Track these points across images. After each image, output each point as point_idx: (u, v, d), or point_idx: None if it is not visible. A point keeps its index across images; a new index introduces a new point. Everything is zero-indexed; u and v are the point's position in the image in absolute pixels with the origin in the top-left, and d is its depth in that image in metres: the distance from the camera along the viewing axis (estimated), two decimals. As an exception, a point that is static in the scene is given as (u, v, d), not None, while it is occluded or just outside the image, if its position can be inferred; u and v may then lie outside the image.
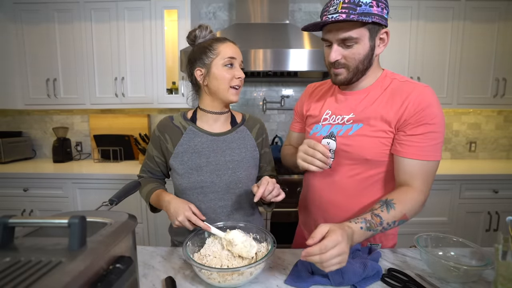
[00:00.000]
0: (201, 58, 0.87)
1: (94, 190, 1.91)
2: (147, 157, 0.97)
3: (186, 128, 0.91)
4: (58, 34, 2.08)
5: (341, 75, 0.76)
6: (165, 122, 0.93)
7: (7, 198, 1.93)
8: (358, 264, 0.66)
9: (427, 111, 0.69)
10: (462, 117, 2.40)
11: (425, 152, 0.70)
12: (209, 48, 0.86)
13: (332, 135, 0.82)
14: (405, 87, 0.74)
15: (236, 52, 0.87)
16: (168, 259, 0.79)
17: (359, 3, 0.66)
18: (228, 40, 0.89)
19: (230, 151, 0.91)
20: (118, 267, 0.38)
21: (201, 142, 0.90)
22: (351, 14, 0.66)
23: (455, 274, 0.65)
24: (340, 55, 0.73)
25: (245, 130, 0.96)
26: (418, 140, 0.71)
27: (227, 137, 0.92)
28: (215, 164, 0.89)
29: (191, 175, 0.88)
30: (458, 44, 2.02)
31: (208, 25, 0.90)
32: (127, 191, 0.85)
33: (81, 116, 2.47)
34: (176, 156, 0.89)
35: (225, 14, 2.35)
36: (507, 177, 1.85)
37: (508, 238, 0.55)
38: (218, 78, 0.85)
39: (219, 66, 0.85)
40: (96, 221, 0.44)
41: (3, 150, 2.16)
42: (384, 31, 0.73)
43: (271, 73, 1.99)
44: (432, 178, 0.73)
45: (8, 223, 0.36)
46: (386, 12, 0.71)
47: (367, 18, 0.67)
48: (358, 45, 0.71)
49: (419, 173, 0.71)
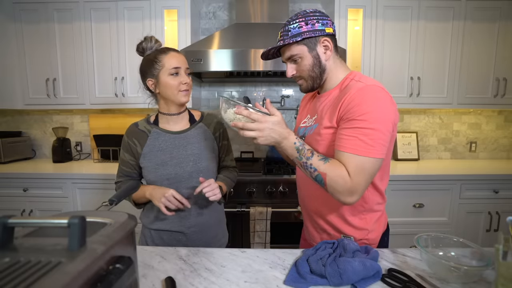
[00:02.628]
0: (150, 70, 0.98)
1: (94, 190, 1.91)
2: (121, 163, 1.08)
3: (151, 131, 1.04)
4: (58, 34, 2.08)
5: (302, 85, 0.90)
6: (131, 128, 1.07)
7: (6, 198, 1.93)
8: (357, 262, 0.66)
9: (356, 108, 0.74)
10: (462, 117, 2.40)
11: (352, 146, 0.73)
12: (155, 61, 0.97)
13: (303, 136, 0.94)
14: (351, 86, 0.80)
15: (179, 61, 0.98)
16: (168, 259, 0.79)
17: (289, 29, 0.82)
18: (171, 50, 1.00)
19: (191, 146, 1.04)
20: (118, 267, 0.38)
21: (164, 140, 1.03)
22: (285, 39, 0.83)
23: (456, 275, 0.65)
24: (293, 70, 0.87)
25: (203, 126, 1.09)
26: (347, 133, 0.74)
27: (187, 134, 1.05)
28: (178, 158, 1.02)
29: (158, 170, 1.01)
30: (459, 44, 2.02)
31: (153, 36, 1.01)
32: (127, 191, 0.85)
33: (81, 116, 2.47)
34: (144, 156, 1.03)
35: (225, 14, 2.35)
36: (507, 177, 1.85)
37: (508, 238, 0.55)
38: (166, 86, 0.98)
39: (166, 76, 0.97)
40: (96, 221, 0.44)
41: (3, 150, 2.16)
42: (324, 39, 0.83)
43: (271, 73, 1.98)
44: (366, 174, 0.73)
45: (8, 223, 0.36)
46: (321, 24, 0.82)
47: (297, 38, 0.81)
48: (302, 59, 0.84)
49: (349, 165, 0.73)
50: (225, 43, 1.87)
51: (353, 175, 0.72)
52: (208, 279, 0.69)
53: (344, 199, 0.74)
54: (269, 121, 0.74)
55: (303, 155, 0.76)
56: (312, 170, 0.76)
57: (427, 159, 2.44)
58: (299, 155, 0.77)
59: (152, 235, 1.05)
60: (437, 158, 2.45)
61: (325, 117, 0.84)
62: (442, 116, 2.41)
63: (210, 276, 0.70)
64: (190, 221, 1.03)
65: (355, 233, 0.88)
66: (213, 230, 1.09)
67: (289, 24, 0.83)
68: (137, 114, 2.41)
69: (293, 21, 0.83)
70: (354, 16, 2.13)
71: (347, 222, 0.88)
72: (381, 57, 2.01)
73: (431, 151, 2.44)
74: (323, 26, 0.82)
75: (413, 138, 2.37)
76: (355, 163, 0.72)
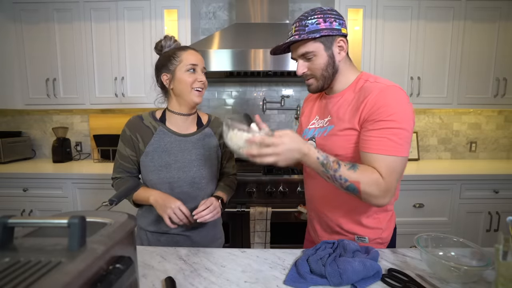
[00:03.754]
0: (166, 65, 0.97)
1: (94, 190, 1.91)
2: (120, 157, 1.03)
3: (157, 129, 1.00)
4: (58, 34, 2.08)
5: (312, 84, 0.86)
6: (135, 122, 1.02)
7: (6, 198, 1.93)
8: (357, 262, 0.66)
9: (382, 109, 0.74)
10: (462, 117, 2.40)
11: (383, 146, 0.73)
12: (173, 56, 0.96)
13: (313, 138, 0.91)
14: (371, 87, 0.79)
15: (197, 59, 0.97)
16: (168, 259, 0.79)
17: (306, 24, 0.79)
18: (190, 48, 1.00)
19: (196, 151, 1.02)
20: (118, 267, 0.38)
21: (170, 142, 1.00)
22: (302, 34, 0.79)
23: (456, 275, 0.65)
24: (305, 68, 0.84)
25: (209, 131, 1.07)
26: (376, 134, 0.74)
27: (193, 138, 1.03)
28: (182, 162, 0.99)
29: (160, 172, 0.98)
30: (459, 44, 2.02)
31: (173, 36, 1.02)
32: (127, 191, 0.86)
33: (81, 116, 2.47)
34: (147, 154, 0.99)
35: (225, 14, 2.35)
36: (507, 177, 1.85)
37: (508, 238, 0.55)
38: (181, 82, 0.96)
39: (182, 72, 0.95)
40: (96, 221, 0.44)
41: (3, 150, 2.16)
42: (340, 39, 0.81)
43: (271, 73, 1.98)
44: (397, 173, 0.74)
45: (8, 223, 0.36)
46: (338, 23, 0.80)
47: (315, 34, 0.78)
48: (316, 57, 0.81)
49: (380, 166, 0.73)
50: (225, 43, 1.87)
51: (386, 176, 0.72)
52: (208, 279, 0.69)
53: (379, 202, 0.74)
54: (284, 142, 0.69)
55: (330, 168, 0.72)
56: (343, 181, 0.72)
57: (427, 159, 2.44)
58: (325, 169, 0.73)
59: (149, 238, 1.03)
60: (437, 158, 2.45)
61: (343, 118, 0.82)
62: (442, 116, 2.41)
63: (210, 276, 0.70)
64: None
65: (369, 234, 0.87)
66: (211, 231, 1.08)
67: (305, 19, 0.79)
68: (137, 114, 2.40)
69: (311, 17, 0.79)
70: (354, 16, 2.13)
71: (361, 224, 0.87)
72: (381, 57, 2.01)
73: (431, 151, 2.44)
74: (339, 26, 0.80)
75: (413, 138, 2.37)
76: (386, 164, 0.72)
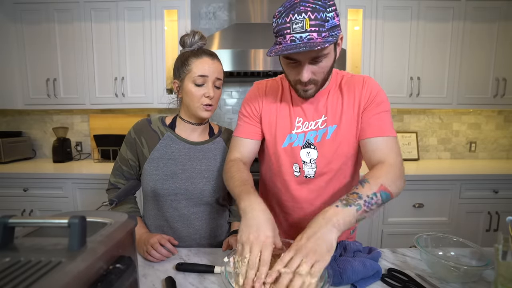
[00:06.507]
0: (177, 70, 0.88)
1: (94, 190, 1.91)
2: (120, 160, 0.94)
3: (164, 134, 0.91)
4: (58, 34, 2.08)
5: (310, 89, 0.74)
6: (142, 124, 0.93)
7: (7, 198, 1.93)
8: (356, 262, 0.66)
9: (377, 96, 0.78)
10: (462, 117, 2.40)
11: (384, 129, 0.75)
12: (185, 63, 0.85)
13: (310, 144, 0.80)
14: (354, 79, 0.81)
15: (210, 69, 0.83)
16: (168, 259, 0.79)
17: (326, 18, 0.61)
18: (206, 54, 0.85)
19: (206, 161, 0.92)
20: (118, 267, 0.38)
21: (178, 149, 0.90)
22: (322, 32, 0.61)
23: (455, 274, 0.65)
24: (311, 73, 0.69)
25: (220, 141, 0.97)
26: (376, 120, 0.76)
27: (204, 147, 0.93)
28: (190, 172, 0.89)
29: (166, 182, 0.88)
30: (458, 44, 2.02)
31: (200, 32, 0.87)
32: (127, 191, 0.85)
33: (81, 116, 2.47)
34: (151, 161, 0.89)
35: (225, 14, 2.35)
36: (507, 177, 1.85)
37: (508, 238, 0.55)
38: (188, 94, 0.86)
39: (189, 83, 0.85)
40: (96, 221, 0.44)
41: (3, 150, 2.16)
42: (341, 36, 0.71)
43: (271, 73, 1.98)
44: (399, 152, 0.75)
45: (8, 223, 0.36)
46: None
47: (336, 32, 0.64)
48: (327, 59, 0.68)
49: (386, 149, 0.74)
50: (225, 43, 1.87)
51: (393, 159, 0.72)
52: (208, 279, 0.69)
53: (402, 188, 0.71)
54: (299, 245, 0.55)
55: (354, 201, 0.61)
56: (374, 201, 0.63)
57: (427, 159, 2.44)
58: (355, 205, 0.61)
59: None
60: (437, 158, 2.45)
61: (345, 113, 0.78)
62: (442, 116, 2.41)
63: (210, 276, 0.70)
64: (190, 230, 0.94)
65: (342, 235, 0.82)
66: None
67: (324, 10, 0.61)
68: (138, 114, 2.41)
69: (328, 7, 0.62)
70: (354, 16, 2.13)
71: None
72: (381, 57, 2.01)
73: (431, 151, 2.44)
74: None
75: (412, 138, 2.37)
76: (389, 145, 0.74)
